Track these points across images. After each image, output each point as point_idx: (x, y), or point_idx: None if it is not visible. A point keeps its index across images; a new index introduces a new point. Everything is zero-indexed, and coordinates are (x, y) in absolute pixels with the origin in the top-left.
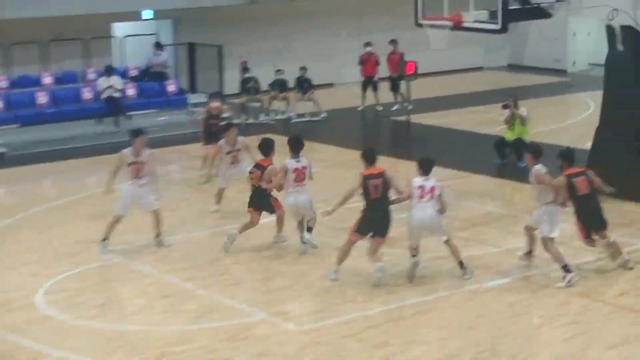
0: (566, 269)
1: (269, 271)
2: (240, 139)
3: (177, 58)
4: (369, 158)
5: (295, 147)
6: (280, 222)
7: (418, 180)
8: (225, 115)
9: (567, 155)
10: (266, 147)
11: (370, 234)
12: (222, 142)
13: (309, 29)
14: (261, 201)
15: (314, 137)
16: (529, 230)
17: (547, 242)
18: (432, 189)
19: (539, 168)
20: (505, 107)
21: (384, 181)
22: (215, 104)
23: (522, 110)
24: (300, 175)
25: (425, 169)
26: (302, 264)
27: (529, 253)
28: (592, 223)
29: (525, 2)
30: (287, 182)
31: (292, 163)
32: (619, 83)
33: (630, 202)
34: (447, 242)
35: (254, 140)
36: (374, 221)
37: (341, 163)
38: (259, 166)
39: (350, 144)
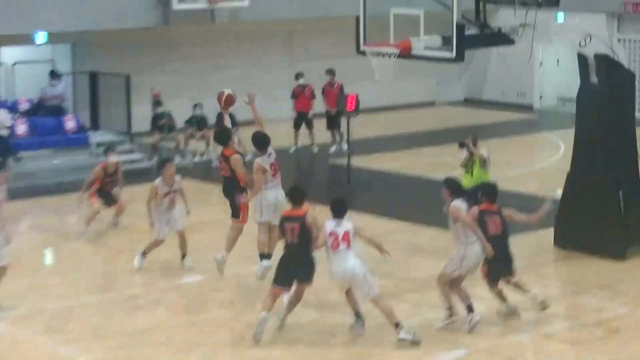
0: (451, 311)
1: (185, 341)
2: (178, 178)
3: (77, 89)
4: (293, 197)
5: (262, 144)
6: (232, 240)
7: (329, 226)
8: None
9: (489, 192)
10: (223, 137)
11: (293, 283)
12: (157, 182)
13: (233, 57)
14: (231, 195)
15: None
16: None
17: (444, 278)
18: (346, 235)
19: (456, 203)
20: (462, 145)
21: (302, 225)
22: (113, 159)
23: (482, 150)
24: (276, 169)
25: (337, 211)
26: (224, 332)
27: (469, 307)
28: (499, 268)
29: (484, 27)
30: (265, 180)
31: (265, 160)
32: (593, 121)
33: (607, 260)
34: (375, 300)
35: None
36: (292, 268)
37: None
38: (224, 157)
39: None
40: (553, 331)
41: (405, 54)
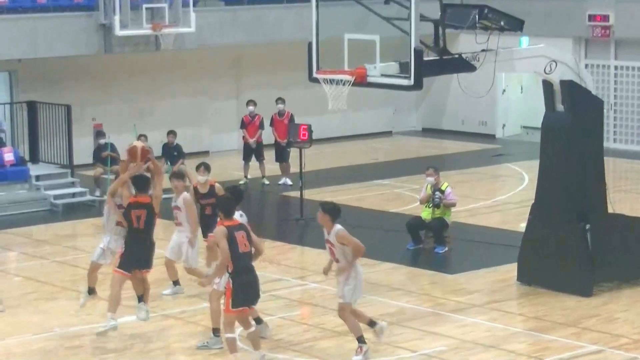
0: (361, 340)
1: None
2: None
3: (15, 120)
4: (137, 183)
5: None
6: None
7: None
8: None
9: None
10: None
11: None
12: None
13: (178, 85)
14: None
15: None
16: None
17: (347, 308)
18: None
19: (341, 228)
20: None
21: (149, 213)
22: None
23: (447, 188)
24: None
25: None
26: None
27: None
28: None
29: (443, 53)
30: None
31: None
32: (558, 150)
33: (573, 297)
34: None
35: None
36: (135, 255)
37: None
38: None
39: None
40: None
41: (361, 81)
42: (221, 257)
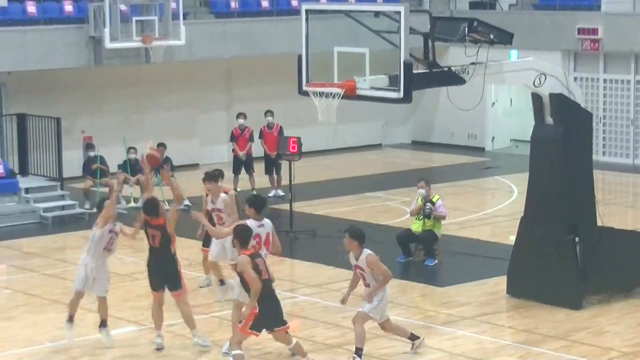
0: (358, 352)
1: None
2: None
3: (4, 133)
4: (148, 210)
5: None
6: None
7: (253, 225)
8: None
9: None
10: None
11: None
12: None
13: (167, 98)
14: None
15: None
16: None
17: (366, 318)
18: (268, 237)
19: (370, 253)
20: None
21: (163, 234)
22: None
23: (438, 201)
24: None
25: (258, 207)
26: None
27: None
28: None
29: (432, 66)
30: None
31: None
32: (548, 163)
33: (563, 309)
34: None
35: None
36: (158, 273)
37: None
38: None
39: None
40: None
41: (350, 94)
42: (254, 286)
